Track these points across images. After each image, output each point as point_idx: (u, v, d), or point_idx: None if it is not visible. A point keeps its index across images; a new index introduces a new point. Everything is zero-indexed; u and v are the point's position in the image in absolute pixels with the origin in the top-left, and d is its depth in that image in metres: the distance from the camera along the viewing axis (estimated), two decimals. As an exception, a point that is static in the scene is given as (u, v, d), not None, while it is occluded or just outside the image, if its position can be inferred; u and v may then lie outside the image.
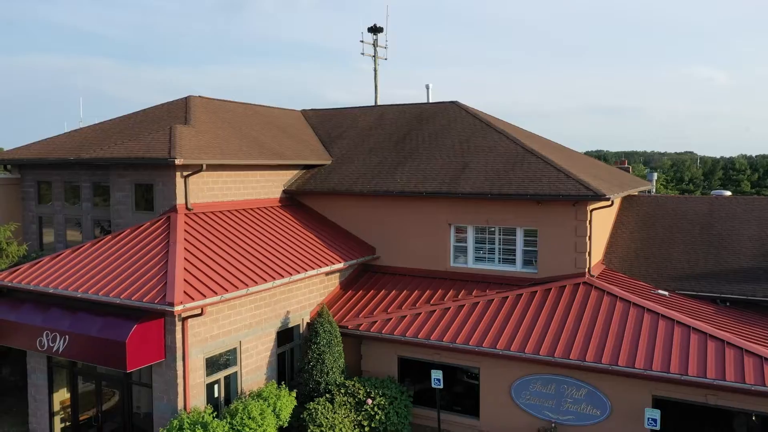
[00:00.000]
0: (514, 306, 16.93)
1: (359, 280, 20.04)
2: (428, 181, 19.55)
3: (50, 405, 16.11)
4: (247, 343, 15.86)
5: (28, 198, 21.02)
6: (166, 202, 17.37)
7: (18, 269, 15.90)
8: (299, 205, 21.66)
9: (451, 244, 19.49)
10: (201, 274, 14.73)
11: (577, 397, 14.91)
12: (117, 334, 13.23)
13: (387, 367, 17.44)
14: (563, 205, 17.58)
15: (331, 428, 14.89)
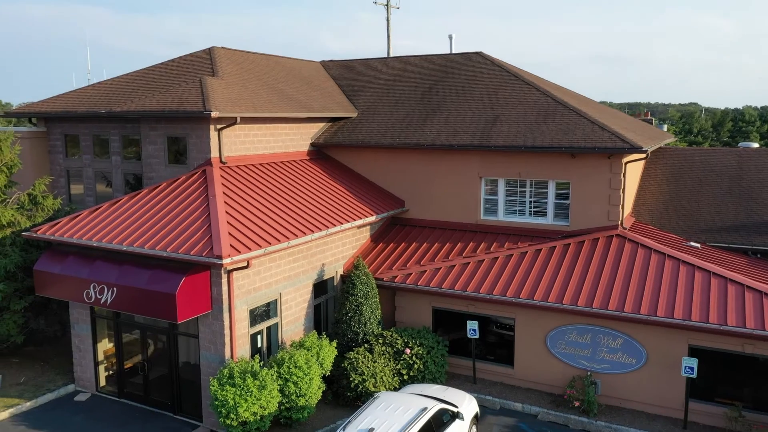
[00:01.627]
0: (549, 258, 17.11)
1: (389, 233, 20.18)
2: (459, 134, 19.45)
3: (95, 354, 16.48)
4: (286, 295, 16.10)
5: (55, 151, 20.95)
6: (200, 156, 17.33)
7: (58, 223, 15.99)
8: (326, 158, 21.61)
9: (481, 196, 19.53)
10: (243, 227, 14.84)
11: (613, 346, 15.23)
12: (167, 287, 13.42)
13: (421, 317, 17.75)
14: (598, 158, 17.54)
15: (373, 376, 15.26)
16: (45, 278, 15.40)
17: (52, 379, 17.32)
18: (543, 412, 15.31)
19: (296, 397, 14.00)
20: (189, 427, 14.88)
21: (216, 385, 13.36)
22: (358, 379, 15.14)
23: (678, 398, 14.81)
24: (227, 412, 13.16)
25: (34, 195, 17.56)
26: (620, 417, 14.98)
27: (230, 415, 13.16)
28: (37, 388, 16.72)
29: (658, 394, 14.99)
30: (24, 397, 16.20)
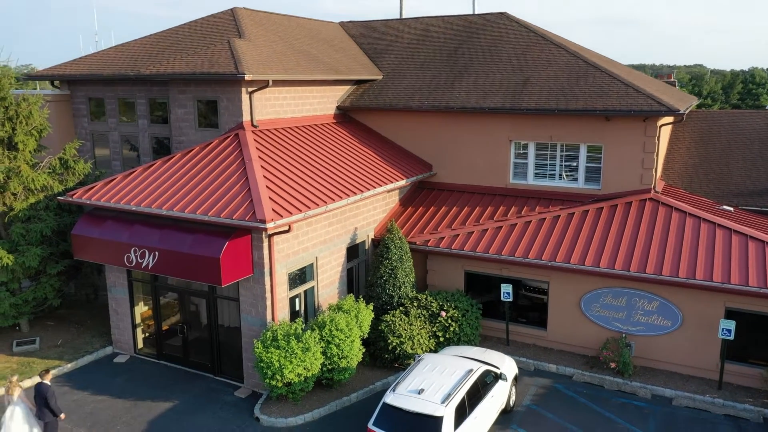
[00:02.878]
0: (582, 222, 17.12)
1: (417, 197, 20.16)
2: (489, 97, 19.24)
3: (132, 317, 16.66)
4: (322, 259, 16.18)
5: (79, 115, 20.76)
6: (232, 119, 17.19)
7: (93, 187, 15.96)
8: (352, 122, 21.43)
9: (511, 160, 19.44)
10: (282, 191, 14.81)
11: (649, 309, 15.37)
12: (210, 251, 13.47)
13: (453, 281, 17.87)
14: (633, 121, 17.39)
15: (410, 339, 15.45)
16: (83, 242, 15.45)
17: (88, 341, 17.54)
18: (578, 373, 15.55)
19: (338, 359, 14.20)
20: (230, 387, 15.13)
21: (261, 347, 13.54)
22: (396, 342, 15.33)
23: (713, 359, 15.02)
24: (272, 374, 13.37)
25: (66, 159, 17.48)
26: (654, 378, 15.23)
27: (275, 376, 13.37)
28: (76, 350, 16.95)
29: (693, 356, 15.21)
30: (64, 359, 16.43)
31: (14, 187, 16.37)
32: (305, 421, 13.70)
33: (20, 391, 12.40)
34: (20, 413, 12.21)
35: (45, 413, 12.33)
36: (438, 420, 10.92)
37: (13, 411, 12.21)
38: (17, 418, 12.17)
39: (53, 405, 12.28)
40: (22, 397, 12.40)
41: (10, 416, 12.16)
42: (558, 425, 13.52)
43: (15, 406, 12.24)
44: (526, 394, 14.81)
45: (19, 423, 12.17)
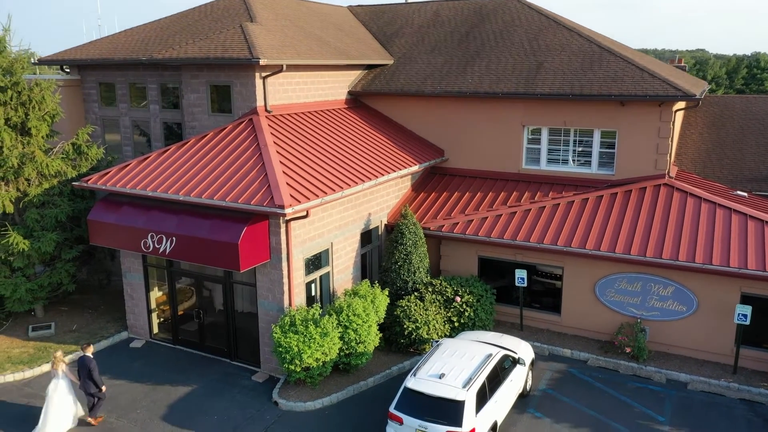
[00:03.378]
0: (596, 207, 17.12)
1: (429, 183, 20.13)
2: (502, 82, 19.14)
3: (147, 303, 16.70)
4: (337, 244, 16.19)
5: (89, 100, 20.68)
6: (245, 104, 17.11)
7: (108, 173, 15.93)
8: (363, 107, 21.34)
9: (523, 145, 19.38)
10: (298, 176, 14.79)
11: (664, 294, 15.41)
12: (229, 236, 13.48)
13: (466, 266, 17.90)
14: (648, 106, 17.31)
15: (426, 324, 15.51)
16: (99, 228, 15.45)
17: (103, 326, 17.61)
18: (592, 358, 15.63)
19: (356, 344, 14.27)
20: (247, 372, 15.22)
21: (279, 332, 13.59)
22: (412, 327, 15.39)
23: (727, 344, 15.09)
24: (291, 358, 13.43)
25: (78, 144, 17.43)
26: (669, 362, 15.31)
27: (294, 361, 13.44)
28: (91, 335, 17.02)
29: (708, 341, 15.27)
30: (81, 343, 16.49)
31: (28, 173, 16.34)
32: (323, 405, 13.79)
33: (64, 366, 12.94)
34: (64, 386, 12.78)
35: (89, 385, 12.89)
36: (460, 404, 11.00)
37: (57, 384, 12.76)
38: (60, 390, 12.74)
39: (96, 377, 12.82)
40: (66, 372, 12.95)
41: (54, 389, 12.71)
42: (575, 409, 13.61)
43: (59, 379, 12.78)
44: (541, 378, 14.89)
45: (63, 395, 12.74)
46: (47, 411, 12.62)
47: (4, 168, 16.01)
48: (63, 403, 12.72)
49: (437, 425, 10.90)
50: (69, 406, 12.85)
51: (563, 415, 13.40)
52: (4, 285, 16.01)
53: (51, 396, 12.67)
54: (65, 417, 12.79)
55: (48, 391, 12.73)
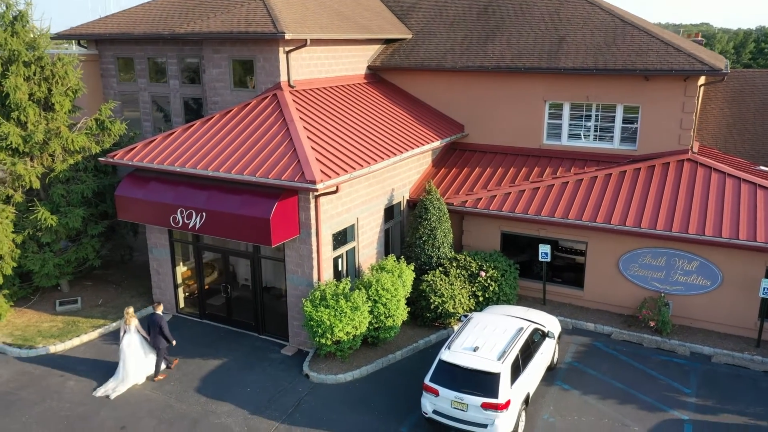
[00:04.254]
0: (620, 182, 17.15)
1: (449, 159, 20.14)
2: (524, 56, 19.03)
3: (174, 277, 16.84)
4: (362, 220, 16.27)
5: (107, 75, 20.58)
6: (269, 79, 17.05)
7: (133, 148, 15.93)
8: (383, 82, 21.24)
9: (545, 121, 19.34)
10: (326, 152, 14.80)
11: (688, 269, 15.53)
12: (260, 211, 13.54)
13: (489, 241, 18.01)
14: (673, 81, 17.24)
15: (452, 298, 15.66)
16: (127, 203, 15.51)
17: (128, 301, 17.76)
18: (616, 331, 15.81)
19: (385, 318, 14.43)
20: (276, 346, 15.41)
21: (310, 306, 13.74)
22: (438, 301, 15.54)
23: (751, 318, 15.26)
24: (323, 332, 13.60)
25: (102, 120, 17.39)
26: (692, 336, 15.50)
27: (325, 334, 13.60)
28: (118, 309, 17.18)
29: (731, 315, 15.44)
30: (108, 318, 16.69)
31: (54, 148, 16.34)
32: (353, 378, 14.00)
33: (135, 322, 13.74)
34: (136, 342, 13.66)
35: (160, 340, 13.75)
36: (496, 376, 11.18)
37: (130, 340, 13.61)
38: (133, 345, 13.62)
39: (167, 332, 13.73)
40: (138, 328, 13.76)
41: (128, 344, 13.59)
42: (601, 381, 13.83)
43: (131, 334, 13.63)
44: (566, 351, 15.09)
45: (135, 350, 13.64)
46: (125, 363, 13.56)
47: (30, 143, 16.01)
48: (137, 356, 13.65)
49: (474, 396, 11.09)
50: (143, 358, 13.77)
51: (590, 386, 13.62)
52: (32, 260, 16.12)
53: (125, 350, 13.57)
54: (141, 368, 13.75)
55: (122, 345, 13.61)
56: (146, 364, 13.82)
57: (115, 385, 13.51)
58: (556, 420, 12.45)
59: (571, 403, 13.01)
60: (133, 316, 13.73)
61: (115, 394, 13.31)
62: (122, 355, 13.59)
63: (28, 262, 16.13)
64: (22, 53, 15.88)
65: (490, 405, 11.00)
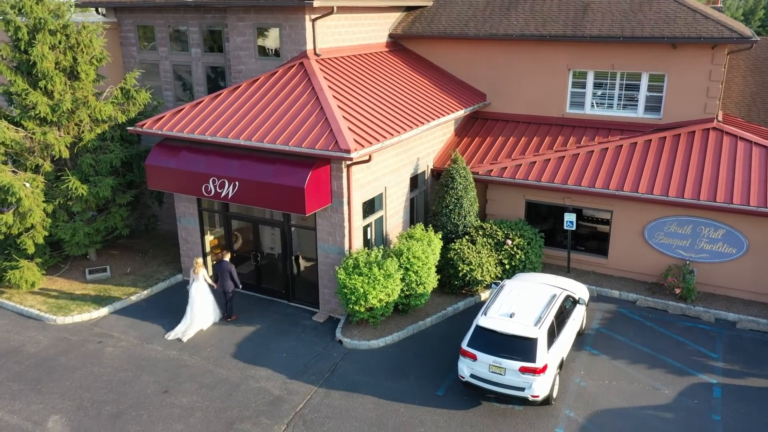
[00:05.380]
0: (646, 151, 17.20)
1: (471, 128, 20.14)
2: (548, 24, 18.88)
3: (203, 246, 17.01)
4: (390, 189, 16.37)
5: (127, 43, 20.42)
6: (295, 48, 16.96)
7: (162, 117, 15.94)
8: (404, 50, 21.10)
9: (568, 89, 19.29)
10: (357, 120, 14.83)
11: (714, 237, 15.70)
12: (295, 180, 13.63)
13: (513, 210, 18.14)
14: (700, 49, 17.15)
15: (479, 266, 15.86)
16: (158, 172, 15.58)
17: (156, 269, 17.99)
18: (641, 298, 16.05)
19: (416, 285, 14.65)
20: (306, 313, 15.67)
21: (343, 274, 13.93)
22: (466, 269, 15.74)
23: (775, 285, 15.49)
24: (356, 299, 13.82)
25: (127, 89, 17.34)
26: (716, 303, 15.74)
27: (359, 301, 13.83)
28: (147, 278, 17.42)
29: (756, 282, 15.65)
30: (139, 286, 16.93)
31: (82, 118, 16.35)
32: (386, 344, 14.28)
33: (203, 271, 14.74)
34: (204, 287, 14.72)
35: (228, 285, 14.83)
36: (533, 341, 11.43)
37: (197, 287, 14.66)
38: (201, 291, 14.69)
39: (236, 277, 14.88)
40: (205, 276, 14.78)
41: (196, 290, 14.65)
42: (629, 346, 14.11)
43: (199, 283, 14.66)
44: (593, 318, 15.35)
45: (203, 295, 14.72)
46: (192, 308, 14.64)
47: (58, 113, 16.01)
48: (205, 302, 14.73)
49: (512, 361, 11.35)
50: (210, 304, 14.87)
51: (619, 352, 13.90)
52: (63, 229, 16.27)
53: (193, 296, 14.65)
54: (208, 313, 14.83)
55: (191, 292, 14.69)
56: (211, 311, 14.90)
57: (184, 329, 14.55)
58: (588, 384, 12.76)
59: (601, 368, 13.30)
60: (202, 265, 14.70)
61: (186, 337, 14.38)
62: (190, 301, 14.66)
63: (59, 231, 16.28)
64: (48, 21, 15.77)
65: (528, 369, 11.27)
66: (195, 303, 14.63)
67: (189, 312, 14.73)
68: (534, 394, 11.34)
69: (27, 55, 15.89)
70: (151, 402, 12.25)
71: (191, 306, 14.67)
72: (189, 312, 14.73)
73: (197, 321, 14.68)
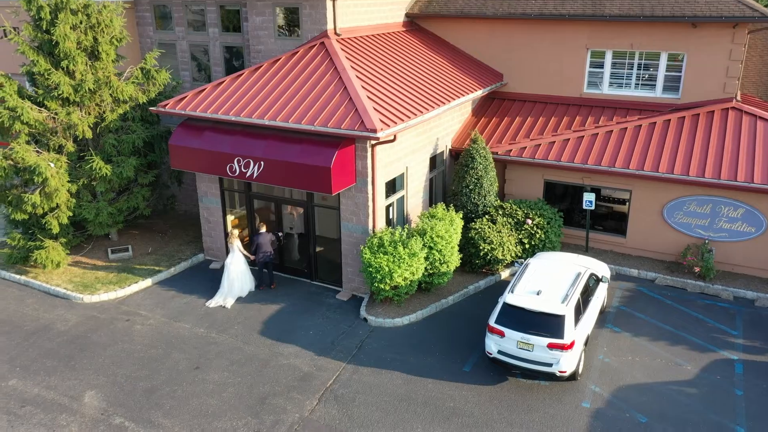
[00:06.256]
0: (665, 131, 17.27)
1: (488, 108, 20.17)
2: (567, 3, 18.82)
3: (225, 226, 17.16)
4: (411, 168, 16.47)
5: (143, 23, 20.37)
6: (315, 27, 16.94)
7: (184, 98, 15.99)
8: (421, 30, 21.06)
9: (586, 69, 19.28)
10: (380, 100, 14.88)
11: (733, 216, 15.83)
12: (321, 160, 13.73)
13: (532, 190, 18.25)
14: (721, 28, 17.13)
15: (500, 245, 16.01)
16: (182, 153, 15.67)
17: (177, 249, 18.16)
18: (660, 277, 16.23)
19: (439, 264, 14.81)
20: (330, 291, 15.86)
21: (369, 253, 14.09)
22: (488, 248, 15.90)
23: (794, 264, 15.66)
24: (382, 278, 13.99)
25: (147, 69, 17.36)
26: (735, 281, 15.92)
27: (384, 280, 14.00)
28: (169, 257, 17.59)
29: (774, 260, 15.84)
30: (161, 265, 17.10)
31: (104, 98, 16.40)
32: (410, 322, 14.49)
33: (238, 243, 15.37)
34: (239, 258, 15.36)
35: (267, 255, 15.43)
36: (561, 318, 11.62)
37: (233, 258, 15.29)
38: (237, 261, 15.30)
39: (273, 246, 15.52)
40: (239, 246, 15.39)
41: (231, 261, 15.28)
42: (650, 324, 14.32)
43: (234, 253, 15.31)
44: (613, 296, 15.54)
45: (239, 265, 15.33)
46: (229, 278, 15.27)
47: (80, 92, 16.05)
48: (240, 272, 15.32)
49: (540, 337, 11.55)
50: (245, 274, 15.45)
51: (640, 329, 14.11)
52: (87, 209, 16.40)
53: (229, 266, 15.28)
54: (243, 282, 15.43)
55: (226, 262, 15.34)
56: (247, 279, 15.49)
57: (222, 298, 15.20)
58: (611, 360, 12.98)
59: (624, 345, 13.52)
60: (236, 236, 15.31)
61: (228, 304, 15.06)
62: (226, 271, 15.32)
63: (84, 211, 16.41)
64: (69, 0, 15.74)
65: (556, 345, 11.47)
66: (231, 273, 15.22)
67: (225, 281, 15.32)
68: (561, 370, 11.56)
69: (49, 35, 15.88)
70: (184, 378, 12.49)
71: (227, 275, 15.26)
72: (225, 281, 15.32)
73: (235, 289, 15.30)
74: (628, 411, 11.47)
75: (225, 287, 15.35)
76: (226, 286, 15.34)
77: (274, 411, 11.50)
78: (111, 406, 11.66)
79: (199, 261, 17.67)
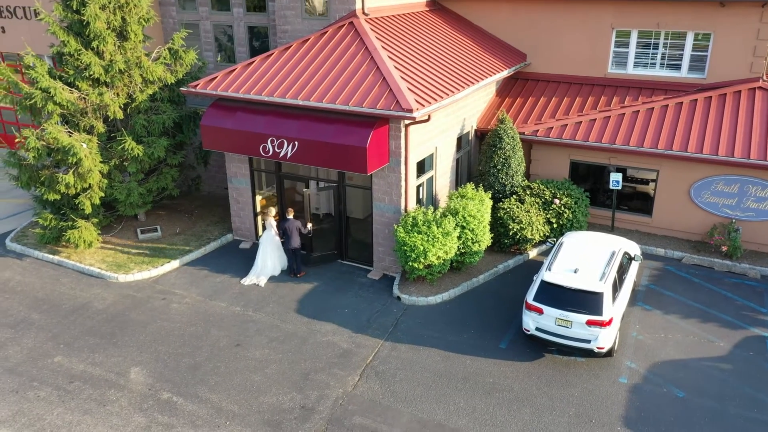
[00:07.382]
0: (692, 110, 17.32)
1: (512, 88, 20.19)
2: (592, -18, 18.75)
3: (254, 206, 17.30)
4: (440, 149, 16.56)
5: (166, 3, 20.31)
6: (343, 7, 16.92)
7: (214, 78, 16.02)
8: (444, 9, 21.00)
9: (611, 48, 19.26)
10: (413, 80, 14.92)
11: (761, 195, 15.95)
12: (357, 140, 13.81)
13: (558, 170, 18.35)
14: (750, 7, 17.10)
15: (529, 225, 16.16)
16: (214, 133, 15.75)
17: (205, 229, 18.31)
18: (687, 256, 16.39)
19: (471, 243, 14.97)
20: (360, 271, 16.04)
21: (403, 232, 14.24)
22: (517, 228, 16.04)
23: (821, 242, 15.81)
24: (416, 257, 14.16)
25: (175, 49, 17.36)
26: (761, 260, 16.09)
27: (418, 259, 14.17)
28: (198, 237, 17.75)
29: (801, 239, 15.99)
30: (191, 245, 17.27)
31: (134, 78, 16.43)
32: (443, 300, 14.69)
33: (272, 220, 15.65)
34: (271, 237, 15.59)
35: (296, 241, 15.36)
36: (599, 295, 11.80)
37: (267, 236, 15.61)
38: (270, 240, 15.58)
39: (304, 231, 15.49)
40: (273, 226, 15.66)
41: (265, 239, 15.60)
42: (679, 302, 14.51)
43: (268, 232, 15.63)
44: (641, 275, 15.72)
45: (271, 244, 15.58)
46: (263, 255, 15.56)
47: (111, 73, 16.09)
48: (273, 250, 15.62)
49: (579, 314, 11.74)
50: (278, 251, 15.69)
51: (670, 307, 14.31)
52: (119, 189, 16.52)
53: (264, 244, 15.59)
54: (276, 261, 15.70)
55: (261, 240, 15.66)
56: (281, 259, 15.75)
57: (256, 276, 15.49)
58: (644, 337, 13.19)
59: (656, 322, 13.73)
60: (272, 215, 15.57)
61: (262, 282, 15.34)
62: (260, 249, 15.60)
63: (115, 191, 16.53)
64: (99, -20, 15.71)
65: (595, 322, 11.67)
66: (265, 251, 15.52)
67: (259, 259, 15.62)
68: (599, 346, 11.77)
69: (79, 15, 15.87)
70: (225, 355, 12.71)
71: (262, 252, 15.55)
72: (259, 259, 15.62)
73: (268, 268, 15.59)
74: (665, 386, 11.70)
75: (258, 265, 15.60)
76: (259, 264, 15.60)
77: (318, 386, 11.73)
78: (158, 382, 11.89)
79: (228, 241, 17.83)
